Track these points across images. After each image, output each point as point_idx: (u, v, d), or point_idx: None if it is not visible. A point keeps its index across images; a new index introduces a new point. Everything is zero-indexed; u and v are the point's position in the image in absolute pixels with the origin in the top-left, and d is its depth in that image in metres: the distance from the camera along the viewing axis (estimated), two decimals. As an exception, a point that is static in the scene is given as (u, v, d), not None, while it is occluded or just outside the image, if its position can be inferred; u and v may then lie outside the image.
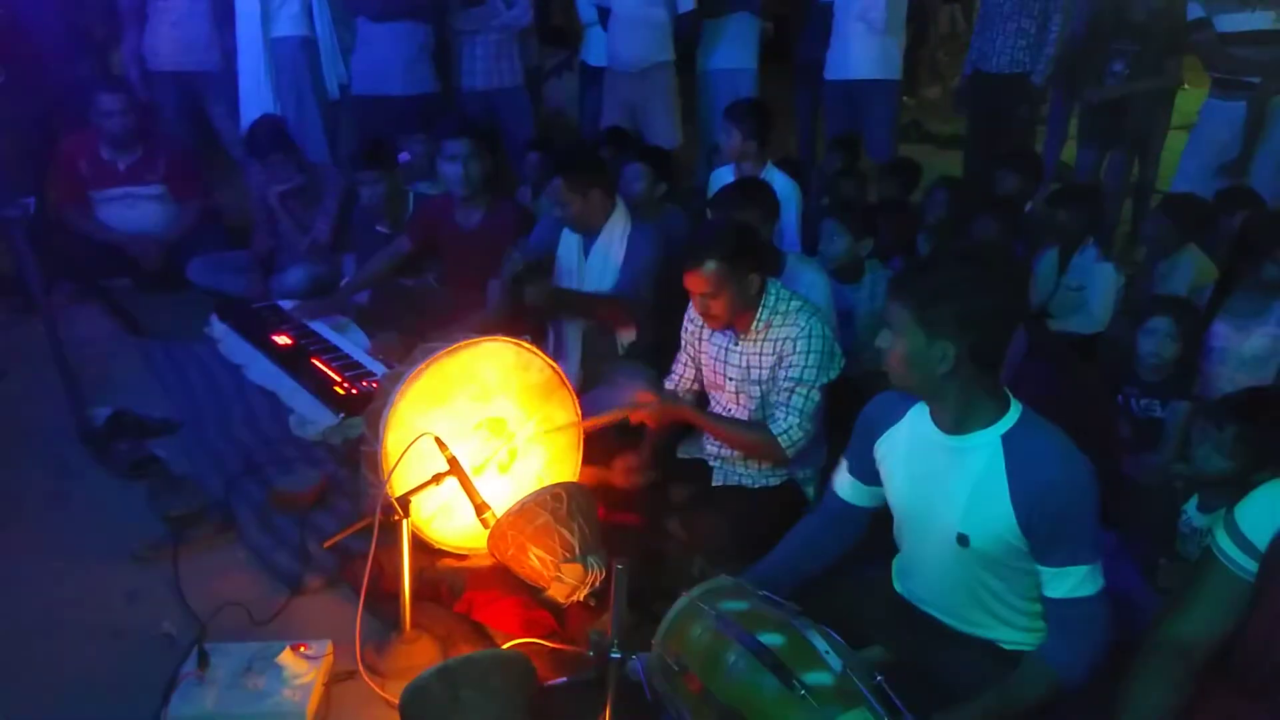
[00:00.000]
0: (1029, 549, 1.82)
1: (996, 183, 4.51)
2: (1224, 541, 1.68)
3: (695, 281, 2.55)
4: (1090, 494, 1.78)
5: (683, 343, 2.88)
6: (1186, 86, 5.53)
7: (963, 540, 1.87)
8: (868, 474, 2.12)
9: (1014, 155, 4.66)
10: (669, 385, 2.93)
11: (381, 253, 4.04)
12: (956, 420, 1.87)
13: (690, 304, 2.74)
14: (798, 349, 2.56)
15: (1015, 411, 1.85)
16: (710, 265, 2.51)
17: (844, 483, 2.18)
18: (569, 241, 3.41)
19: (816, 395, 2.58)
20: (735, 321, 2.65)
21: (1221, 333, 3.10)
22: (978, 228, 3.70)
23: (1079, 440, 1.83)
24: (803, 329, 2.56)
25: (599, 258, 3.34)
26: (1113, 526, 2.07)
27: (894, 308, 1.85)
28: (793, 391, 2.58)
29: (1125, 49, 4.84)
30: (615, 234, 3.32)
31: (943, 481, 1.90)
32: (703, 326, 2.77)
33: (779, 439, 2.58)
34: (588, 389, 3.22)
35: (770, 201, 3.29)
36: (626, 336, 3.41)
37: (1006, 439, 1.82)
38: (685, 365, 2.89)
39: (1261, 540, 1.63)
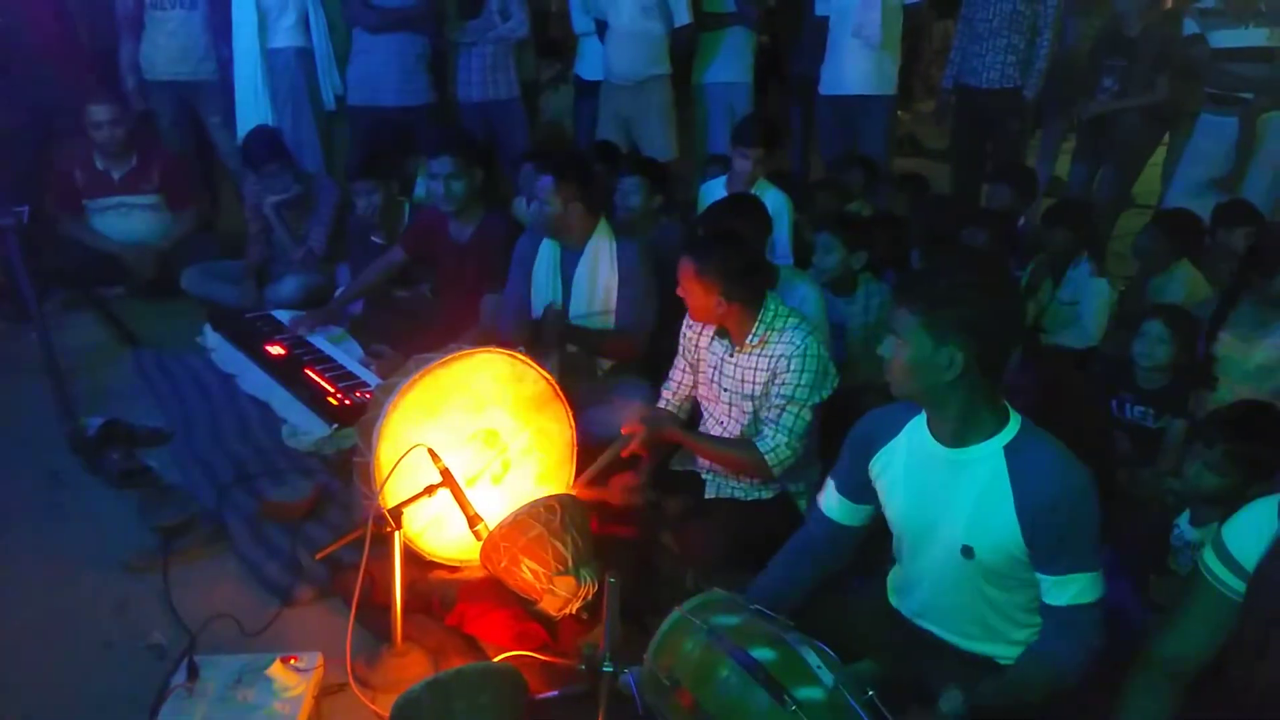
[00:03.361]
0: (1031, 559, 1.82)
1: (990, 196, 4.54)
2: (1212, 561, 1.68)
3: (684, 274, 2.58)
4: (1092, 503, 1.78)
5: (680, 349, 2.88)
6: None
7: (967, 552, 1.87)
8: (858, 492, 2.11)
9: (1008, 169, 4.69)
10: (666, 394, 2.93)
11: (376, 263, 4.04)
12: (956, 432, 1.86)
13: (688, 313, 2.75)
14: (791, 367, 2.56)
15: (1015, 423, 1.85)
16: (697, 269, 2.54)
17: (832, 502, 2.16)
18: (545, 253, 3.37)
19: (808, 414, 2.59)
20: (730, 333, 2.66)
21: (1226, 344, 3.11)
22: (967, 239, 3.72)
23: (1073, 453, 1.83)
24: (798, 347, 2.56)
25: (585, 279, 3.29)
26: (1105, 539, 2.07)
27: (900, 313, 1.84)
28: (783, 409, 2.58)
29: (1116, 65, 4.88)
30: (602, 254, 3.28)
31: (945, 495, 1.90)
32: (700, 333, 2.78)
33: (766, 456, 2.58)
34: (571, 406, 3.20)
35: (762, 216, 3.30)
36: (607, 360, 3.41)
37: (1009, 450, 1.83)
38: (683, 372, 2.89)
39: (1248, 561, 1.63)
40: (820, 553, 2.21)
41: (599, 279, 3.28)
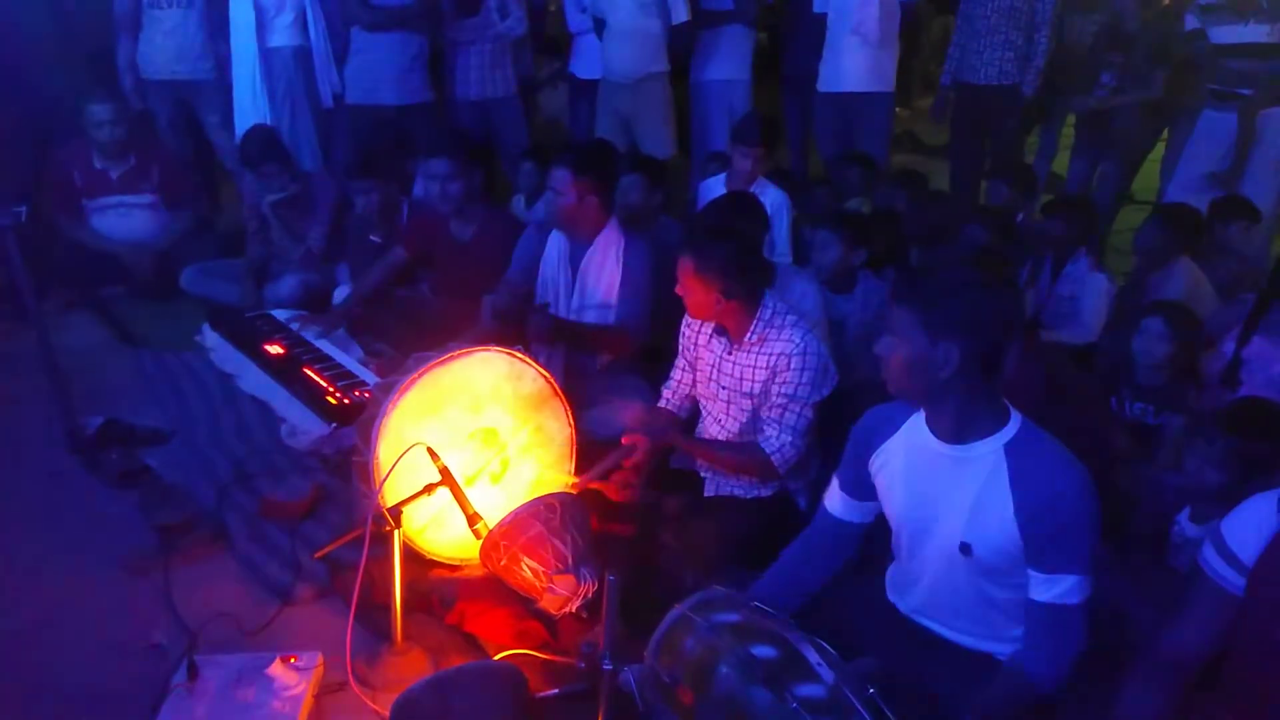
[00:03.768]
0: (1024, 554, 1.82)
1: (988, 193, 4.54)
2: (1211, 557, 1.68)
3: (683, 271, 2.58)
4: (1091, 504, 1.78)
5: (680, 347, 2.88)
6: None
7: (965, 549, 1.87)
8: (860, 489, 2.12)
9: (1006, 166, 4.69)
10: (666, 393, 2.93)
11: (379, 265, 4.02)
12: (956, 429, 1.86)
13: (687, 311, 2.75)
14: (791, 365, 2.56)
15: (1015, 421, 1.85)
16: (696, 266, 2.54)
17: (836, 499, 2.17)
18: (553, 251, 3.37)
19: (809, 412, 2.59)
20: (728, 330, 2.66)
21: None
22: (968, 237, 3.72)
23: (1072, 450, 1.83)
24: (797, 345, 2.56)
25: (593, 273, 3.29)
26: (1104, 536, 2.08)
27: (897, 311, 1.84)
28: (785, 408, 2.58)
29: (1115, 61, 4.88)
30: (610, 250, 3.27)
31: (944, 491, 1.90)
32: (699, 331, 2.78)
33: (771, 456, 2.58)
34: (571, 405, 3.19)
35: (760, 214, 3.29)
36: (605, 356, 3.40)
37: (1009, 449, 1.83)
38: (684, 371, 2.89)
39: (1248, 556, 1.63)
40: (824, 550, 2.21)
41: (604, 271, 3.27)
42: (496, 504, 2.60)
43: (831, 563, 2.21)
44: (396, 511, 2.18)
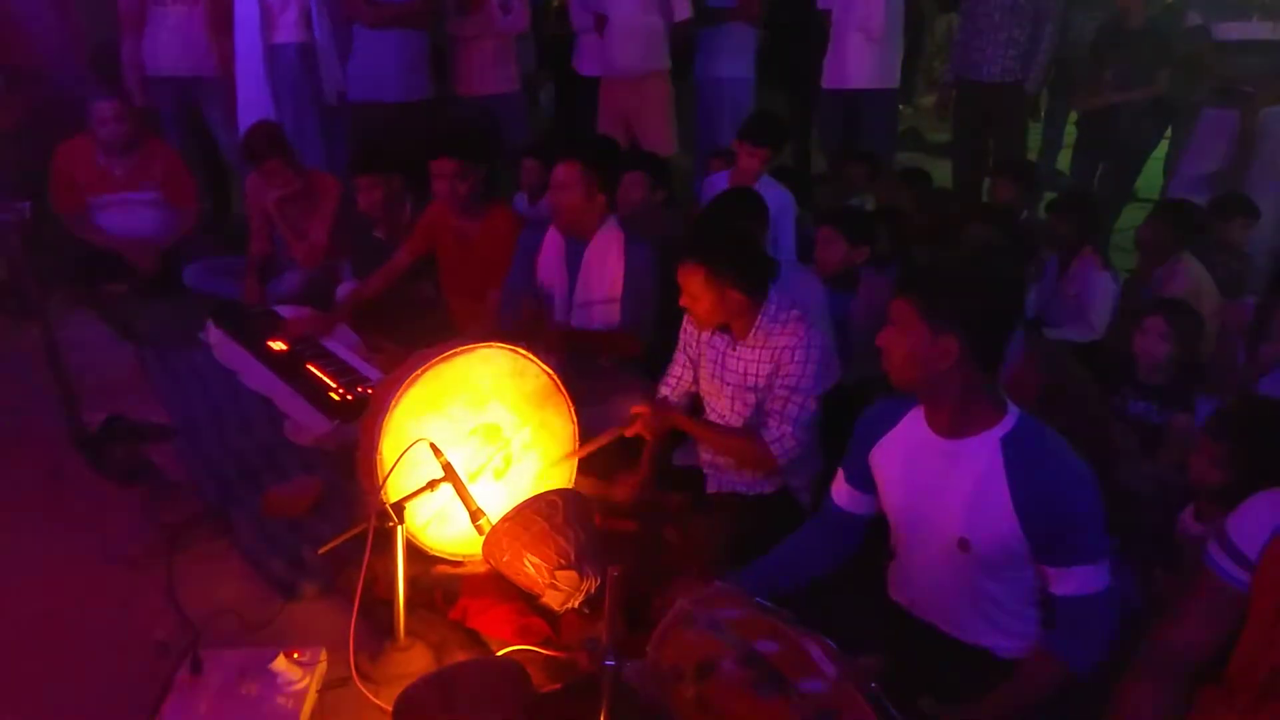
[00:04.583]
0: (1032, 551, 1.83)
1: (991, 191, 4.54)
2: (1215, 553, 1.69)
3: (686, 270, 2.58)
4: (1092, 494, 1.79)
5: (681, 344, 2.88)
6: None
7: (963, 545, 1.87)
8: (865, 482, 2.12)
9: (1009, 164, 4.69)
10: (665, 390, 2.93)
11: (381, 269, 3.99)
12: (954, 423, 1.87)
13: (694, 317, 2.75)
14: (795, 358, 2.56)
15: (1012, 415, 1.86)
16: (694, 269, 2.54)
17: (842, 491, 2.19)
18: (551, 250, 3.36)
19: (811, 405, 2.59)
20: (732, 327, 2.66)
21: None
22: (972, 235, 3.72)
23: (1075, 447, 1.83)
24: (801, 338, 2.57)
25: (594, 270, 3.28)
26: (1109, 533, 2.08)
27: (898, 304, 1.86)
28: (788, 400, 2.58)
29: (1118, 58, 4.88)
30: (610, 247, 3.26)
31: (941, 486, 1.90)
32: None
33: (771, 446, 2.58)
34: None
35: (761, 209, 3.29)
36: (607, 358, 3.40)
37: (1005, 442, 1.83)
38: (684, 368, 2.89)
39: (1252, 550, 1.63)
40: (826, 540, 2.23)
41: (607, 267, 3.26)
42: (499, 500, 2.61)
43: (833, 552, 2.22)
44: (399, 507, 2.19)
